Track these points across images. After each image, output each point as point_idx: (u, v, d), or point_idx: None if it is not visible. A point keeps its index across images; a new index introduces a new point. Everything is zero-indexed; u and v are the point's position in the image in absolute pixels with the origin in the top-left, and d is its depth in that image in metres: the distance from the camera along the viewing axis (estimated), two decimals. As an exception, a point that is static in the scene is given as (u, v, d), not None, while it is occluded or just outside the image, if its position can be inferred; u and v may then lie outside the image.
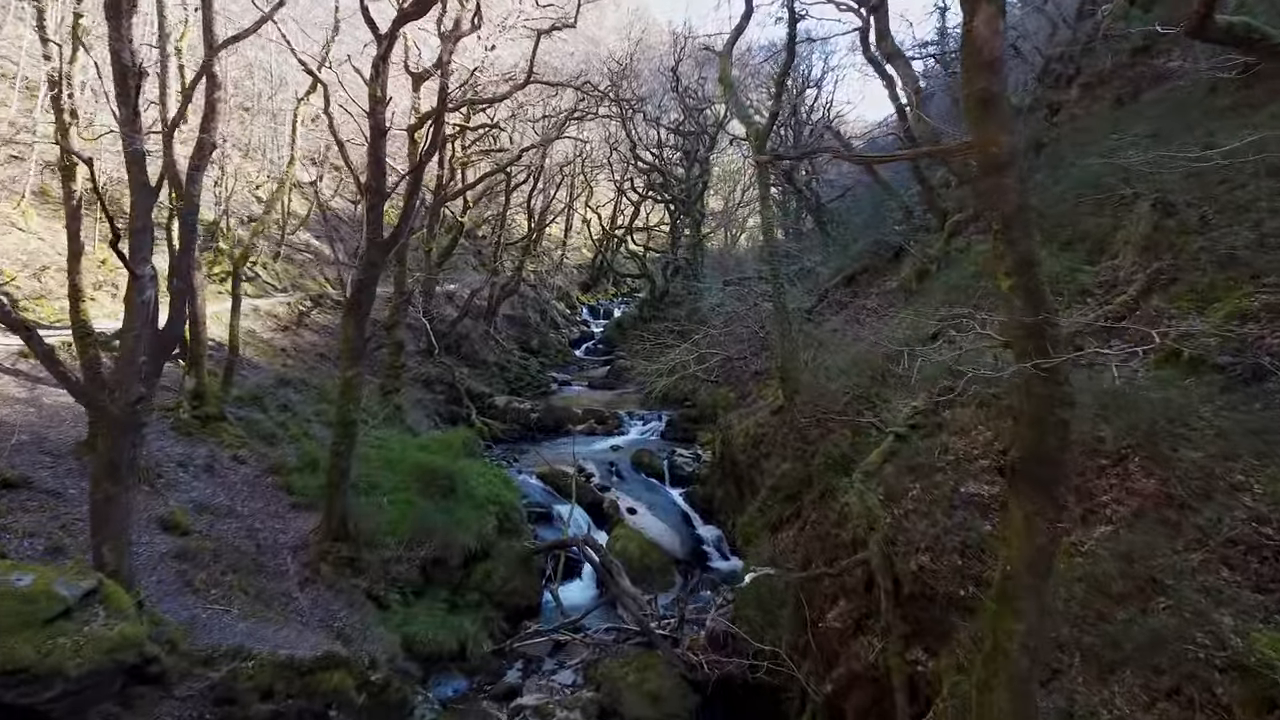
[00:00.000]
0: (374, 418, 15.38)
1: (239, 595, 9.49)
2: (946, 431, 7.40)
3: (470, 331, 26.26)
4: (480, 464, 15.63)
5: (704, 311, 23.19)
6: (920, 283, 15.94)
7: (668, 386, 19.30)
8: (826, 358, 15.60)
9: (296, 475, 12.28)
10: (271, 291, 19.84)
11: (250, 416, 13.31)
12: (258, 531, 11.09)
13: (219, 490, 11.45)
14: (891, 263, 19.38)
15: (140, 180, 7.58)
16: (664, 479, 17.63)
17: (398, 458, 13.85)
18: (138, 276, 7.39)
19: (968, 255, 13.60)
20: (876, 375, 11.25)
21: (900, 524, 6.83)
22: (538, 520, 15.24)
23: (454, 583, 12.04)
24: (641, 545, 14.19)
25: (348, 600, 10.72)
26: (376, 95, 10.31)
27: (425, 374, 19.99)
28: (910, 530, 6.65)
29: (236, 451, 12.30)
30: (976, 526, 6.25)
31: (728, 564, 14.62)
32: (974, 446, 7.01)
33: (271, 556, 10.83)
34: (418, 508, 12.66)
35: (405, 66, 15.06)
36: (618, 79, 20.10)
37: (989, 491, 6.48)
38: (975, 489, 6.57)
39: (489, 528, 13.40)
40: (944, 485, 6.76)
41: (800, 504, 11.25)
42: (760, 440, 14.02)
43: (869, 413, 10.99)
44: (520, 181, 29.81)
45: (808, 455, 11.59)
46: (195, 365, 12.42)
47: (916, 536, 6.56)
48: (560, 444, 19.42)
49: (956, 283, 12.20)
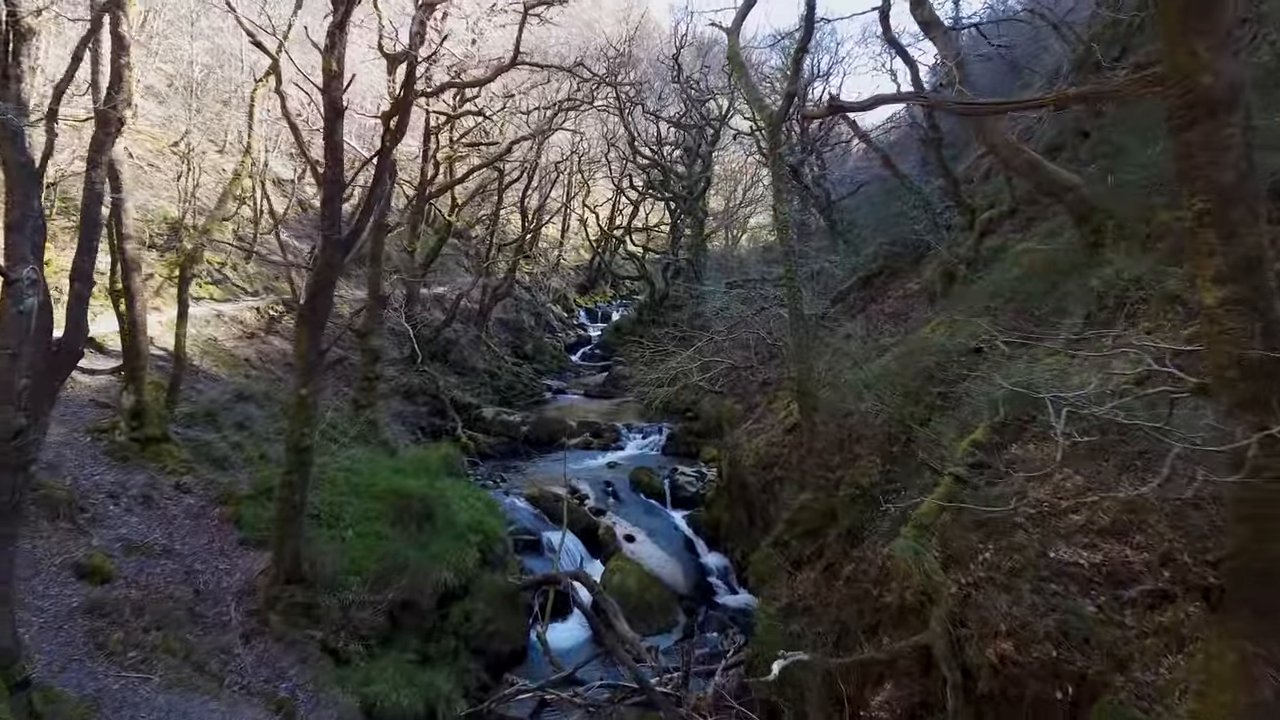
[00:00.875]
0: (345, 435, 13.90)
1: (164, 657, 8.01)
2: (1021, 474, 5.93)
3: (459, 337, 24.78)
4: (462, 485, 14.16)
5: (707, 316, 21.73)
6: (947, 286, 14.50)
7: (668, 396, 17.86)
8: (846, 369, 14.16)
9: (248, 505, 10.80)
10: (241, 295, 18.35)
11: (200, 437, 11.83)
12: (197, 574, 9.61)
13: (155, 525, 9.97)
14: (912, 264, 17.96)
15: (19, 161, 6.11)
16: (665, 500, 16.16)
17: (367, 482, 12.37)
18: (11, 281, 5.92)
19: (1005, 256, 12.15)
20: (911, 394, 9.78)
21: (970, 597, 5.37)
22: (526, 549, 13.77)
23: (426, 628, 10.57)
24: (641, 579, 12.73)
25: (300, 655, 9.24)
26: (332, 69, 8.86)
27: (407, 384, 18.52)
28: (985, 607, 5.19)
29: (180, 478, 10.82)
30: (1077, 608, 4.80)
31: (736, 598, 13.16)
32: (1060, 496, 5.55)
33: (212, 604, 9.35)
34: (387, 541, 11.19)
35: (379, 47, 13.58)
36: (615, 65, 18.70)
37: (1088, 559, 5.02)
38: (1069, 554, 5.11)
39: (469, 561, 11.94)
40: (1027, 548, 5.30)
41: (823, 541, 9.78)
42: (773, 462, 12.56)
43: (902, 435, 9.55)
44: (514, 179, 28.35)
45: (830, 485, 10.13)
46: (134, 380, 10.95)
47: (994, 616, 5.09)
48: (552, 460, 17.95)
49: (998, 287, 10.74)
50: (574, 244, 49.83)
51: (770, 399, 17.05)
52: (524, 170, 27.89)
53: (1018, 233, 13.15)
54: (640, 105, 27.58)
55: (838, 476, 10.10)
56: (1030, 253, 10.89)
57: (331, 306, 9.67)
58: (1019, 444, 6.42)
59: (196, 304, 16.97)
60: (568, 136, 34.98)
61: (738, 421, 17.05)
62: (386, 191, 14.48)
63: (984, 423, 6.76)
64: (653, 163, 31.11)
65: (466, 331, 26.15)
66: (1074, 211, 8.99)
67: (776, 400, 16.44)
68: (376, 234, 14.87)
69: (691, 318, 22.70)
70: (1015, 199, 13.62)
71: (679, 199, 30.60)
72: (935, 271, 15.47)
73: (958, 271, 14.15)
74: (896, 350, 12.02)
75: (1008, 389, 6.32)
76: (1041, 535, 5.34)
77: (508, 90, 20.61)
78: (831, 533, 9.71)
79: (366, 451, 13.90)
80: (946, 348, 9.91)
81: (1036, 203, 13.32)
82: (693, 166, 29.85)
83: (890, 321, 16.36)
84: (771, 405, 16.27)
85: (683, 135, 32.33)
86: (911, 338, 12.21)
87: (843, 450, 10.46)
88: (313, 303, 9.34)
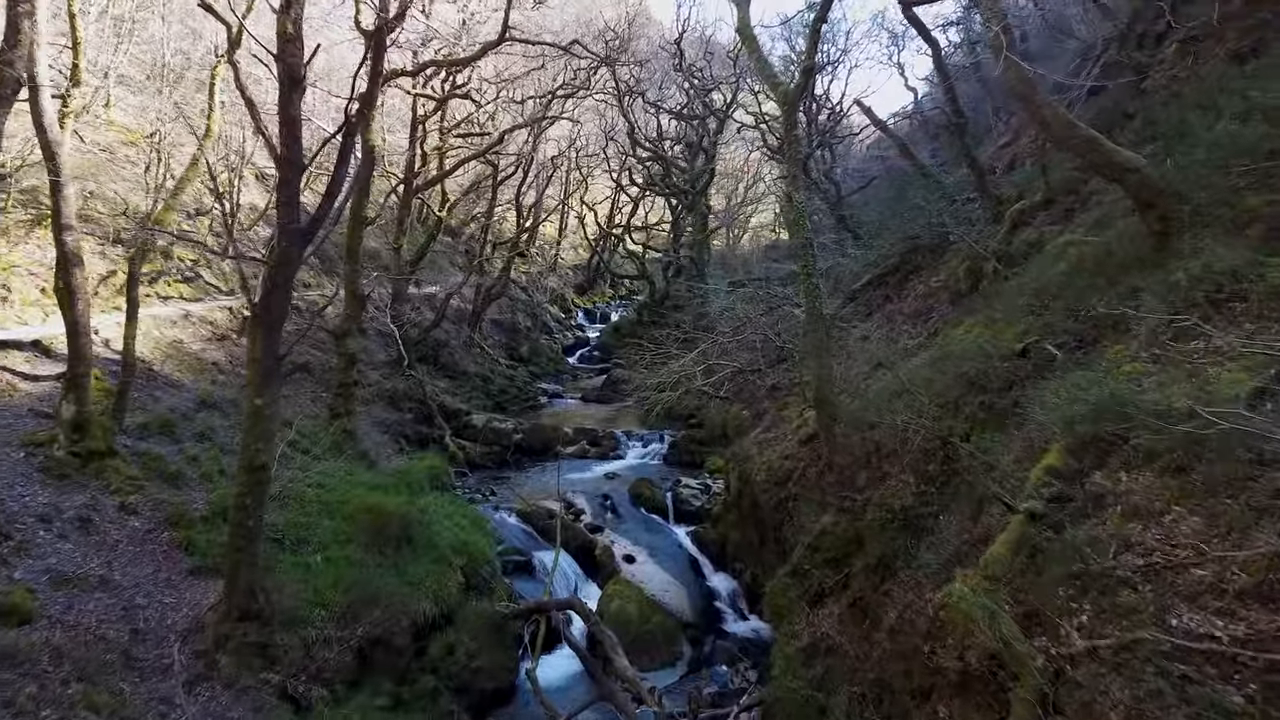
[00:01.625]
0: (318, 446, 12.74)
1: (85, 716, 6.86)
2: (1116, 511, 4.78)
3: (450, 339, 23.64)
4: (447, 500, 13.02)
5: (711, 316, 20.56)
6: (974, 283, 13.35)
7: (670, 401, 16.71)
8: (866, 373, 13.01)
9: (202, 528, 9.65)
10: (215, 294, 17.19)
11: (153, 450, 10.67)
12: (137, 610, 8.44)
13: (92, 553, 8.80)
14: (930, 260, 16.81)
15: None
16: (667, 515, 15.00)
17: (340, 499, 11.24)
18: None
19: (1045, 250, 10.99)
20: (949, 404, 8.62)
21: (1064, 674, 4.21)
22: (516, 571, 12.64)
23: (401, 667, 9.42)
24: (641, 605, 11.58)
25: (252, 703, 8.08)
26: (287, 31, 7.70)
27: (391, 389, 17.34)
28: (1089, 690, 4.03)
29: (126, 498, 9.65)
30: (1219, 699, 3.64)
31: (746, 625, 12.02)
32: (1174, 543, 4.39)
33: (152, 645, 8.18)
34: (359, 567, 10.05)
35: (356, 24, 12.45)
36: (613, 47, 17.55)
37: (1225, 631, 3.86)
38: (1199, 623, 3.95)
39: (452, 587, 10.84)
40: (1139, 612, 4.14)
41: (848, 572, 8.64)
42: (786, 477, 11.41)
43: (939, 451, 8.40)
44: (509, 174, 27.20)
45: (855, 507, 8.98)
46: (76, 388, 9.78)
47: (1103, 704, 3.94)
48: (547, 470, 16.78)
49: (1042, 284, 9.58)
50: (572, 242, 48.73)
51: (780, 406, 15.91)
52: (519, 165, 26.75)
53: (1054, 224, 11.99)
54: (640, 96, 26.42)
55: (864, 498, 8.95)
56: (1077, 245, 9.73)
57: (289, 305, 8.51)
58: (1104, 471, 5.25)
59: (164, 303, 15.87)
60: (565, 132, 33.87)
61: (745, 430, 15.92)
62: (363, 180, 13.31)
63: (1057, 443, 5.60)
64: (654, 156, 29.93)
65: (459, 333, 25.02)
66: (1136, 196, 7.86)
67: (788, 407, 15.30)
68: (354, 228, 13.71)
69: (695, 319, 21.56)
70: (1050, 188, 12.47)
71: (681, 193, 29.42)
72: (958, 268, 14.33)
73: (985, 268, 13.00)
74: (926, 354, 10.86)
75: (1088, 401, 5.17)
76: (1156, 595, 4.18)
77: (498, 74, 19.43)
78: (858, 562, 8.56)
79: (342, 464, 12.74)
80: (988, 351, 8.75)
81: (1074, 192, 12.18)
82: (695, 160, 28.68)
83: (910, 322, 15.21)
84: (782, 413, 15.13)
85: (684, 129, 31.17)
86: (943, 339, 11.05)
87: (869, 467, 9.31)
88: (267, 301, 8.18)
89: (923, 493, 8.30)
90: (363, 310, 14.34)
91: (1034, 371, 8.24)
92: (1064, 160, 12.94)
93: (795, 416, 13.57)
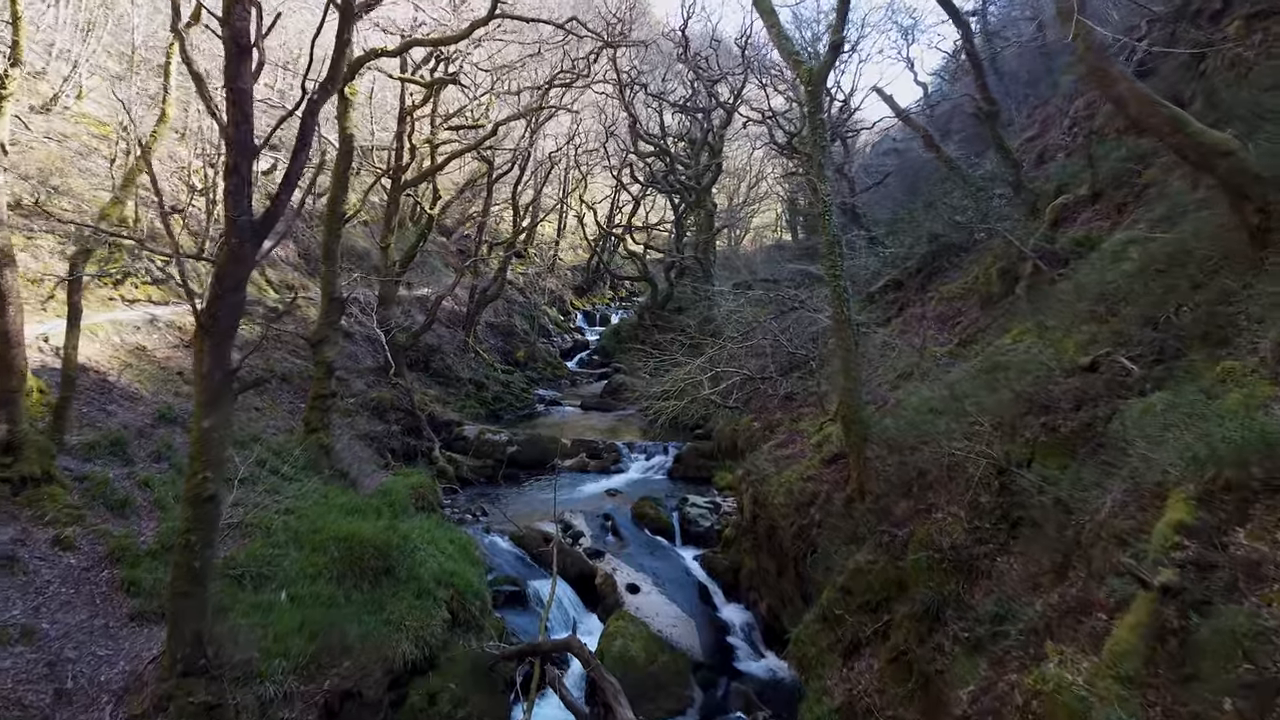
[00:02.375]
0: (291, 465, 11.58)
1: (-17, 807, 5.71)
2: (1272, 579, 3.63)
3: (444, 343, 22.49)
4: (433, 524, 11.87)
5: (718, 320, 19.42)
6: (1009, 286, 12.22)
7: (675, 411, 15.59)
8: (890, 381, 11.87)
9: (147, 566, 8.48)
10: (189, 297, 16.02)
11: (98, 474, 9.51)
12: (66, 665, 7.28)
13: (16, 597, 7.64)
14: (954, 260, 15.70)
15: None
16: (673, 537, 13.84)
17: (311, 527, 10.08)
18: None
19: (1098, 248, 9.85)
20: (1003, 425, 7.47)
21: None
22: (508, 603, 11.48)
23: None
24: (647, 644, 10.40)
25: (197, 777, 6.93)
26: (233, -9, 6.52)
27: (377, 399, 16.18)
28: None
29: (62, 530, 8.49)
30: None
31: (762, 664, 10.87)
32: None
33: (81, 708, 7.02)
34: (330, 606, 8.89)
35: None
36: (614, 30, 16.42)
37: None
38: None
39: (436, 624, 9.67)
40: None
41: (888, 619, 7.49)
42: (810, 502, 10.24)
43: (995, 481, 7.25)
44: (504, 171, 26.04)
45: (895, 543, 7.82)
46: (6, 404, 8.61)
47: None
48: (543, 486, 15.62)
49: (1103, 288, 8.43)
50: (571, 242, 47.60)
51: (794, 417, 14.77)
52: (516, 161, 25.59)
53: (1103, 220, 10.87)
54: (643, 89, 25.26)
55: (905, 532, 7.79)
56: (1142, 243, 8.60)
57: (240, 312, 7.34)
58: (1248, 528, 4.10)
59: (130, 306, 14.73)
60: (562, 129, 32.70)
61: (757, 443, 14.74)
62: (340, 173, 12.14)
63: (1177, 491, 4.44)
64: (656, 151, 28.75)
65: (453, 337, 23.88)
66: (1229, 185, 6.74)
67: (802, 419, 14.17)
68: (331, 225, 12.54)
69: (700, 322, 20.40)
70: (1097, 180, 11.34)
71: (685, 190, 28.25)
72: (990, 268, 13.21)
73: (1023, 268, 11.87)
74: (966, 365, 9.72)
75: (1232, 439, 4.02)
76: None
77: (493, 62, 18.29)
78: (900, 609, 7.40)
79: (317, 484, 11.58)
80: (1048, 364, 7.60)
81: (1126, 185, 11.04)
82: (699, 156, 27.51)
83: (935, 327, 14.09)
84: (797, 425, 13.98)
85: (687, 124, 30.00)
86: (985, 348, 9.90)
87: (909, 496, 8.15)
88: (215, 307, 7.01)
89: (975, 529, 7.14)
90: (342, 315, 13.17)
91: (1106, 389, 7.11)
92: (1111, 150, 11.82)
93: (814, 430, 12.43)
